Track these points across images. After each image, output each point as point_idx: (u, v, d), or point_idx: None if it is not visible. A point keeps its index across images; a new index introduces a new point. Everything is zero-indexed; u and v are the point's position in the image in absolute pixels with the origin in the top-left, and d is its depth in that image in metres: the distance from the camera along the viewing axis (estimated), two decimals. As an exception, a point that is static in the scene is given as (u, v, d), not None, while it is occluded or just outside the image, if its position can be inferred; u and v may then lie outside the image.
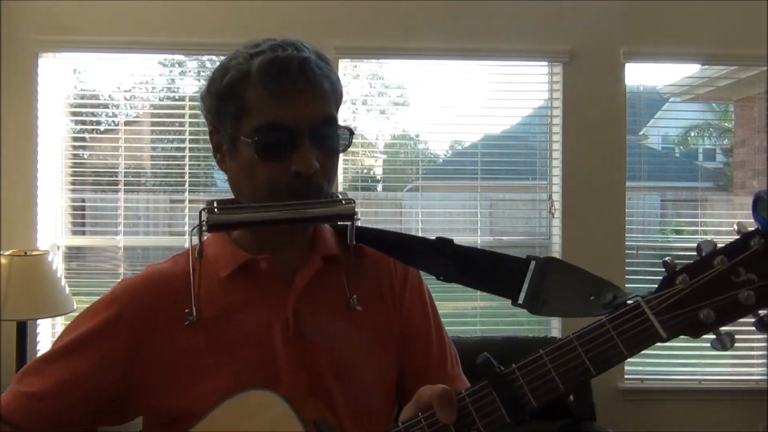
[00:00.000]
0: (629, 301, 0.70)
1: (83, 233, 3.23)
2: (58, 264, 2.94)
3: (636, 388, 3.15)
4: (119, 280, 0.99)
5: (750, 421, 3.10)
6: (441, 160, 3.71)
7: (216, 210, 0.86)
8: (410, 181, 3.42)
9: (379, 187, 3.54)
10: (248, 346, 0.90)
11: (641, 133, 3.51)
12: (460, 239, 3.52)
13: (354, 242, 0.93)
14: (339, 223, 0.99)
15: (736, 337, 0.66)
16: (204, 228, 0.86)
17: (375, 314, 0.97)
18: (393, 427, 0.77)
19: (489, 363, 0.73)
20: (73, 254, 3.20)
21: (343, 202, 0.88)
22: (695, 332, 0.66)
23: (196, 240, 0.93)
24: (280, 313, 0.91)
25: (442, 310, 1.09)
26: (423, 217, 3.31)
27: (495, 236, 3.35)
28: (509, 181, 3.47)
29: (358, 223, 0.94)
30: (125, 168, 3.18)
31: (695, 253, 0.68)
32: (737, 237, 0.67)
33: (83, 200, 3.23)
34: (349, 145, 0.94)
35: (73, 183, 3.16)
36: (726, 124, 4.02)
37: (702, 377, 3.17)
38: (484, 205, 3.37)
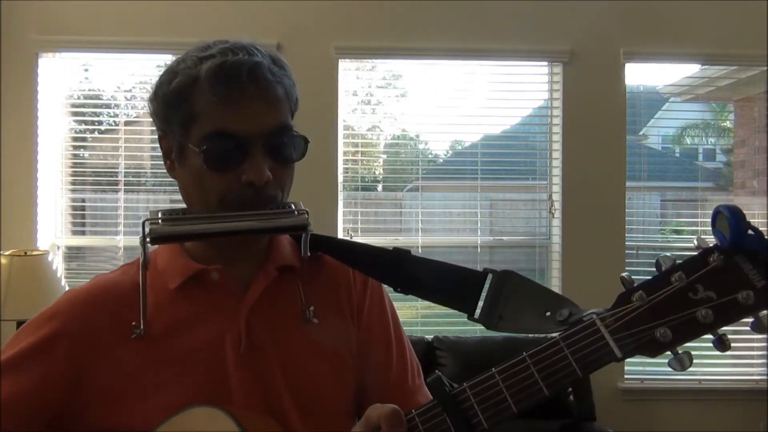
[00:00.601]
0: (584, 319, 0.67)
1: (83, 233, 3.23)
2: (58, 264, 2.94)
3: (636, 388, 3.15)
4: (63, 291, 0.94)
5: (750, 421, 3.10)
6: (441, 160, 3.71)
7: (160, 221, 0.82)
8: (410, 181, 3.42)
9: (379, 187, 3.54)
10: (198, 361, 0.85)
11: (641, 133, 3.51)
12: (460, 239, 3.52)
13: (308, 254, 0.88)
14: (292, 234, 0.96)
15: (737, 337, 0.65)
16: (147, 240, 0.81)
17: (332, 327, 0.93)
18: None
19: (439, 382, 0.71)
20: (73, 254, 3.20)
21: (296, 213, 0.85)
22: (652, 351, 0.64)
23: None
24: (232, 326, 0.87)
25: (441, 310, 1.09)
26: (423, 217, 3.31)
27: (495, 236, 3.35)
28: (509, 181, 3.47)
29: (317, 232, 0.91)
30: (125, 168, 3.18)
31: (694, 253, 0.66)
32: (695, 253, 0.65)
33: (83, 200, 3.23)
34: (304, 154, 0.90)
35: (73, 183, 3.16)
36: (726, 124, 4.02)
37: (702, 377, 3.17)
38: (484, 205, 3.37)
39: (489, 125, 3.37)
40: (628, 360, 0.74)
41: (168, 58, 3.60)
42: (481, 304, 0.80)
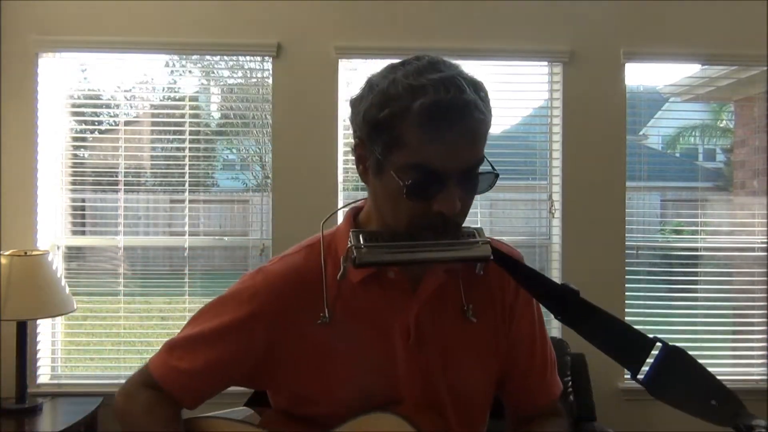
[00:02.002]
0: (753, 424, 0.72)
1: (83, 233, 3.23)
2: (58, 264, 2.94)
3: (636, 388, 3.10)
4: (251, 270, 1.06)
5: (750, 421, 3.10)
6: (441, 160, 3.71)
7: (363, 246, 0.89)
8: (410, 181, 3.41)
9: (379, 187, 3.54)
10: (372, 348, 0.97)
11: (641, 133, 3.51)
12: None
13: (481, 272, 0.98)
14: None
15: (737, 337, 0.67)
16: (353, 265, 0.89)
17: (487, 326, 1.03)
18: None
19: None
20: (73, 254, 3.20)
21: (480, 243, 0.92)
22: None
23: (326, 231, 1.04)
24: (403, 320, 0.98)
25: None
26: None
27: (495, 236, 3.34)
28: (509, 181, 3.47)
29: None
30: (125, 168, 3.18)
31: (694, 253, 0.69)
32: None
33: (83, 200, 3.23)
34: (491, 187, 0.95)
35: (73, 183, 3.16)
36: (726, 124, 4.02)
37: (702, 377, 3.16)
38: (484, 205, 3.37)
39: (489, 125, 3.37)
40: None
41: (168, 58, 3.61)
42: (647, 368, 0.83)
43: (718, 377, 0.80)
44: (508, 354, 1.05)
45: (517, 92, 3.27)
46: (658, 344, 0.82)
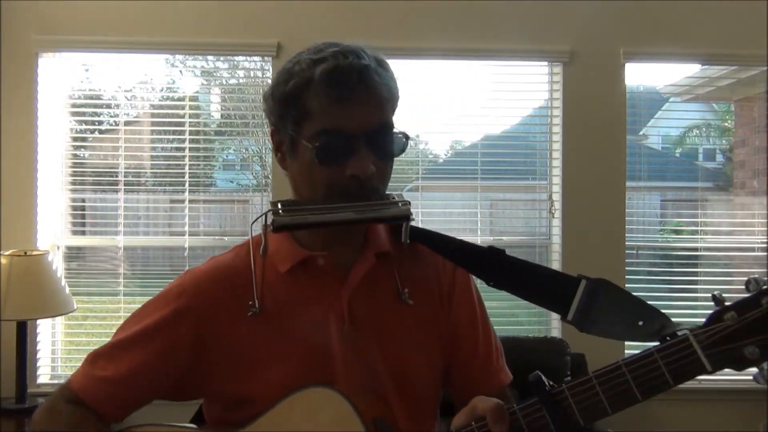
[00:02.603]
0: (678, 334, 0.73)
1: (83, 233, 3.23)
2: (58, 264, 2.94)
3: (636, 388, 3.14)
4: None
5: (750, 421, 3.10)
6: (441, 160, 3.71)
7: (281, 212, 0.90)
8: (410, 181, 3.42)
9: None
10: (306, 337, 0.95)
11: (641, 133, 3.51)
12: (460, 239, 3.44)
13: (408, 241, 0.96)
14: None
15: None
16: (270, 229, 0.91)
17: (424, 309, 1.02)
18: None
19: (540, 381, 0.77)
20: (73, 254, 3.20)
21: (400, 204, 0.93)
22: (739, 366, 0.72)
23: (256, 234, 1.01)
24: (336, 307, 0.97)
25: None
26: (423, 217, 3.31)
27: (495, 236, 3.35)
28: (509, 181, 3.47)
29: (413, 223, 0.97)
30: (125, 168, 3.18)
31: (694, 253, 0.70)
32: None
33: (83, 200, 3.23)
34: (404, 149, 0.98)
35: (73, 183, 3.16)
36: (726, 124, 4.02)
37: (702, 377, 3.16)
38: (484, 205, 3.37)
39: (489, 125, 3.37)
40: None
41: (168, 58, 3.61)
42: (573, 307, 0.84)
43: (719, 378, 0.81)
44: (449, 342, 1.04)
45: (517, 92, 3.27)
46: (584, 281, 0.84)
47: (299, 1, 3.06)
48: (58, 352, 3.13)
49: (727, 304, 0.71)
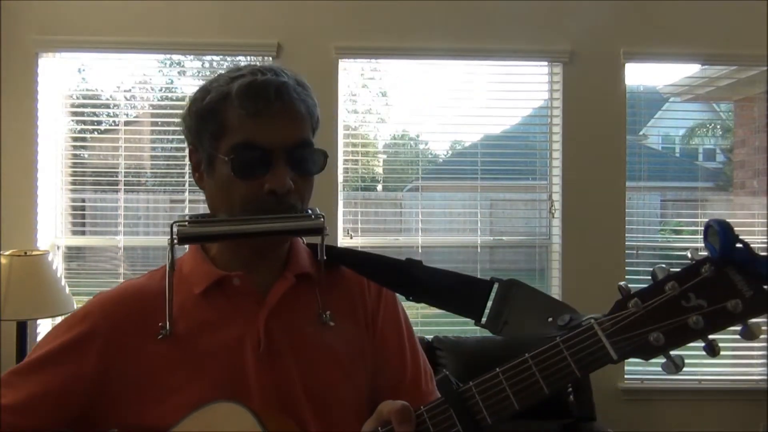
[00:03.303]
0: (583, 323, 0.72)
1: (83, 233, 3.23)
2: (58, 264, 2.94)
3: (636, 388, 3.15)
4: (120, 281, 1.00)
5: (750, 421, 3.10)
6: (441, 160, 3.71)
7: (187, 224, 0.88)
8: (410, 181, 3.42)
9: (379, 187, 3.54)
10: (219, 362, 0.90)
11: (641, 133, 3.51)
12: (460, 239, 3.51)
13: (324, 257, 0.94)
14: (309, 239, 1.01)
15: (736, 337, 0.67)
16: (175, 241, 0.87)
17: (347, 331, 0.98)
18: None
19: (447, 381, 0.76)
20: (73, 254, 3.20)
21: (313, 217, 0.90)
22: (646, 354, 0.69)
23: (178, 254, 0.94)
24: (252, 329, 0.92)
25: (441, 311, 1.10)
26: (423, 217, 3.31)
27: (495, 236, 3.35)
28: (509, 181, 3.47)
29: (334, 243, 0.94)
30: (125, 168, 3.18)
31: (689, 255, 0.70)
32: (690, 263, 0.69)
33: (83, 200, 3.23)
34: (322, 168, 0.95)
35: (73, 183, 3.16)
36: (726, 123, 4.02)
37: (702, 377, 3.17)
38: (484, 205, 3.37)
39: (489, 125, 3.37)
40: (628, 360, 0.76)
41: (168, 58, 3.61)
42: (488, 311, 0.84)
43: (719, 378, 0.80)
44: (376, 364, 0.99)
45: (517, 92, 3.27)
46: (496, 284, 0.84)
47: (299, 1, 3.06)
48: (58, 352, 3.13)
49: (631, 293, 0.70)
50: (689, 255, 0.70)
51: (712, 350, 0.67)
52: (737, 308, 0.65)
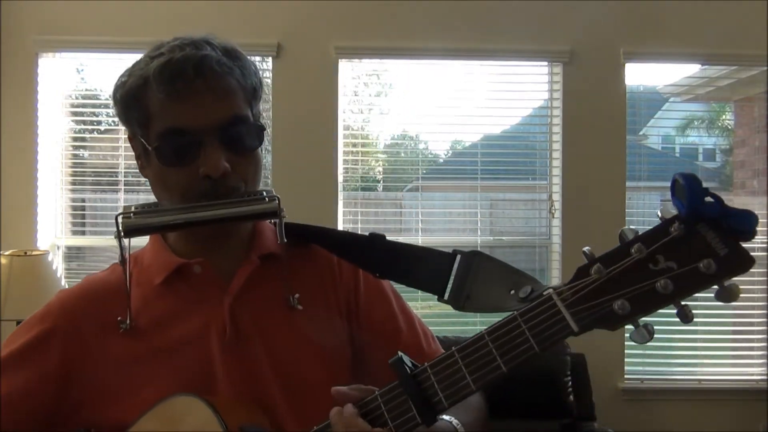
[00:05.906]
0: (543, 294, 0.67)
1: (83, 233, 3.23)
2: (58, 264, 2.94)
3: (636, 388, 3.15)
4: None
5: (750, 421, 3.10)
6: (441, 160, 3.71)
7: (132, 215, 0.84)
8: (410, 181, 3.42)
9: (379, 187, 3.54)
10: (184, 352, 0.87)
11: (641, 133, 3.51)
12: (460, 239, 3.51)
13: (285, 240, 0.87)
14: (269, 221, 0.97)
15: (736, 337, 0.65)
16: (121, 234, 0.83)
17: (317, 313, 0.93)
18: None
19: (400, 363, 0.71)
20: (73, 254, 3.20)
21: (267, 199, 0.85)
22: (610, 325, 0.63)
23: (133, 246, 0.91)
24: (217, 316, 0.88)
25: (441, 310, 1.08)
26: (423, 217, 3.31)
27: (495, 236, 3.35)
28: (509, 181, 3.47)
29: (293, 221, 0.91)
30: (125, 168, 3.18)
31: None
32: (658, 223, 0.63)
33: (83, 200, 3.23)
34: (261, 143, 0.90)
35: (73, 183, 3.16)
36: (726, 123, 4.02)
37: (702, 377, 3.17)
38: (484, 205, 3.37)
39: (489, 125, 3.37)
40: (628, 360, 0.73)
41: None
42: (449, 285, 0.80)
43: (719, 378, 0.78)
44: (372, 341, 0.95)
45: (517, 92, 3.28)
46: (459, 256, 0.80)
47: (299, 1, 3.06)
48: (58, 352, 3.13)
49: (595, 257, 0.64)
50: (659, 214, 0.63)
51: (685, 316, 0.61)
52: (710, 268, 0.59)
